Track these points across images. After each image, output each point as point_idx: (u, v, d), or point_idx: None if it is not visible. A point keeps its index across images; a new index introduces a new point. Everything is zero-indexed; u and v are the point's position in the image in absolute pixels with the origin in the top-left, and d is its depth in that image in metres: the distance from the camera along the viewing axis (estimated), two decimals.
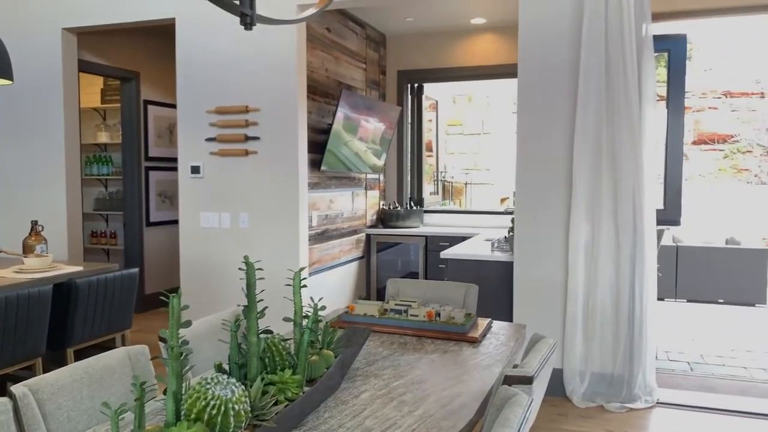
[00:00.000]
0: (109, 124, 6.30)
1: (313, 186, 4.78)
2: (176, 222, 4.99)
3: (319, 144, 4.80)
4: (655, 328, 3.69)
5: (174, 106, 4.79)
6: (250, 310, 1.65)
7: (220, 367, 1.66)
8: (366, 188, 5.90)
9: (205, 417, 1.34)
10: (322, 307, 1.91)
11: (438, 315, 2.52)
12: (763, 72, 11.26)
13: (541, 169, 3.76)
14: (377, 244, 5.90)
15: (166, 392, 1.39)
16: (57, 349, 3.40)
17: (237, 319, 1.70)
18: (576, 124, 3.59)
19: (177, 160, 4.56)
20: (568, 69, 3.67)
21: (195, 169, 4.48)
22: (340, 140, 4.96)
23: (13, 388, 1.56)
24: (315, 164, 4.76)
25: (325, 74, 4.96)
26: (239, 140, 4.34)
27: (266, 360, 1.72)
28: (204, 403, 1.35)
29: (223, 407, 1.35)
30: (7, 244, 4.53)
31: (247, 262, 1.63)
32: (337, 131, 4.89)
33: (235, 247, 4.40)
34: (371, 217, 6.06)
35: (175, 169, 4.70)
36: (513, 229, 3.96)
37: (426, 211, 6.30)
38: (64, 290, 3.38)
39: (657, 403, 3.60)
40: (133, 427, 1.30)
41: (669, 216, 4.16)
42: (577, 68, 3.60)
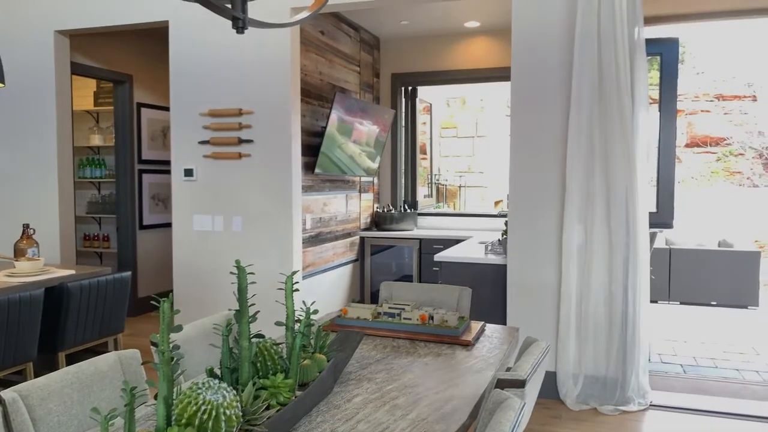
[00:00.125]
0: (102, 126, 6.28)
1: (307, 189, 4.78)
2: (169, 225, 4.98)
3: (312, 147, 4.80)
4: (648, 330, 3.71)
5: (167, 109, 4.79)
6: (242, 314, 1.65)
7: (211, 372, 1.65)
8: (360, 191, 5.90)
9: (196, 422, 1.33)
10: (315, 311, 1.91)
11: (431, 318, 2.52)
12: (755, 75, 11.33)
13: (535, 172, 3.77)
14: (371, 246, 5.90)
15: (157, 397, 1.38)
16: (48, 354, 3.39)
17: (228, 323, 1.70)
18: (569, 127, 3.60)
19: (170, 163, 4.55)
20: (561, 72, 3.69)
21: (188, 172, 4.46)
22: (334, 143, 4.96)
23: (3, 393, 1.55)
24: (309, 167, 4.76)
25: (319, 77, 4.96)
26: (233, 143, 4.33)
27: (258, 364, 1.72)
28: (195, 408, 1.34)
29: (214, 412, 1.34)
30: None
31: (238, 266, 1.62)
32: (331, 134, 4.89)
33: (229, 250, 4.39)
34: (365, 219, 6.05)
35: (169, 172, 4.69)
36: (506, 231, 3.97)
37: (420, 214, 6.31)
38: (55, 294, 3.37)
39: (650, 405, 3.61)
40: None
41: (662, 219, 4.18)
42: (570, 71, 3.62)
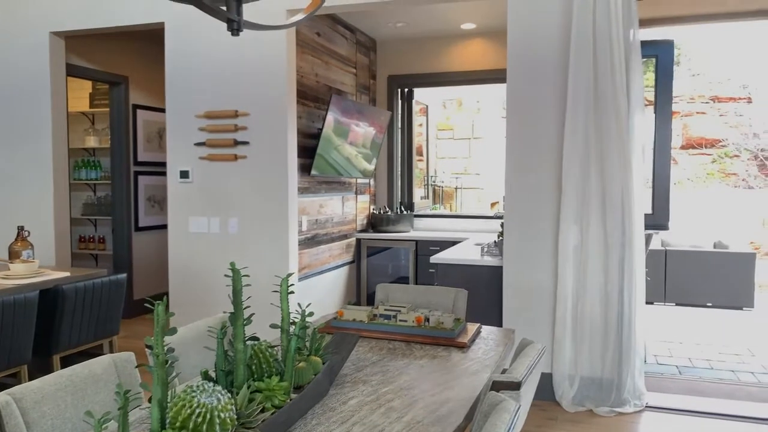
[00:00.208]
0: (97, 128, 6.27)
1: (303, 191, 4.77)
2: (165, 227, 4.97)
3: (309, 148, 4.80)
4: (644, 331, 3.71)
5: (163, 111, 4.77)
6: (237, 317, 1.65)
7: (206, 375, 1.65)
8: (356, 193, 5.89)
9: (191, 425, 1.33)
10: (310, 314, 1.91)
11: (427, 320, 2.52)
12: (750, 77, 11.38)
13: (531, 174, 3.77)
14: (367, 248, 5.90)
15: (152, 400, 1.38)
16: (43, 356, 3.37)
17: (223, 326, 1.69)
18: (565, 129, 3.61)
19: (166, 165, 4.54)
20: (556, 74, 3.69)
21: (184, 174, 4.46)
22: (330, 144, 4.95)
23: None
24: (305, 169, 4.75)
25: (315, 79, 4.96)
26: (228, 145, 4.33)
27: (253, 367, 1.72)
28: (189, 411, 1.34)
29: (208, 415, 1.34)
30: None
31: (233, 268, 1.62)
32: (327, 135, 4.89)
33: (224, 252, 4.38)
34: (361, 221, 6.05)
35: (164, 174, 4.68)
36: (502, 233, 3.97)
37: (416, 216, 6.31)
38: (50, 296, 3.36)
39: (646, 407, 3.62)
40: None
41: (657, 220, 4.19)
42: (566, 73, 3.62)
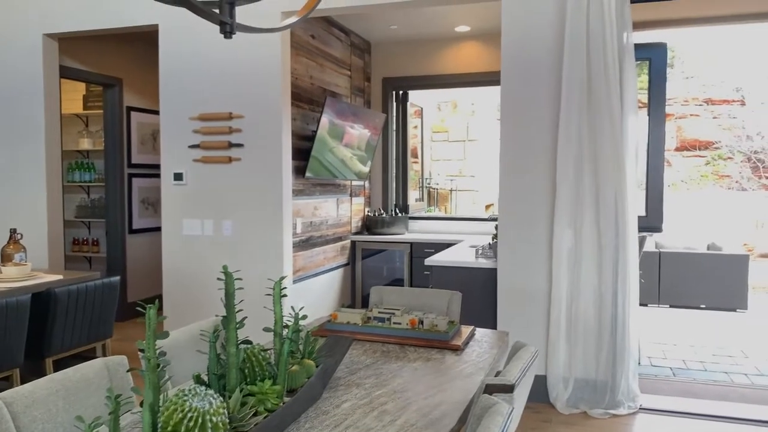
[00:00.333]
0: (91, 130, 6.24)
1: (298, 193, 4.77)
2: (159, 229, 4.94)
3: (303, 151, 4.79)
4: (638, 333, 3.72)
5: (157, 113, 4.76)
6: (229, 320, 1.64)
7: (198, 378, 1.64)
8: (351, 195, 5.89)
9: (182, 429, 1.32)
10: (303, 317, 1.90)
11: (421, 323, 2.51)
12: (744, 80, 11.43)
13: (525, 176, 3.78)
14: (362, 250, 5.89)
15: (143, 404, 1.37)
16: (35, 360, 3.35)
17: (216, 329, 1.68)
18: (559, 131, 3.61)
19: (160, 167, 4.53)
20: (550, 76, 3.70)
21: (178, 176, 4.44)
22: (324, 146, 4.95)
23: None
24: (299, 171, 4.75)
25: (310, 81, 4.96)
26: (223, 147, 4.32)
27: (246, 370, 1.71)
28: (181, 415, 1.33)
29: (200, 419, 1.33)
30: None
31: (225, 271, 1.61)
32: (322, 137, 4.88)
33: (218, 255, 4.37)
34: (356, 223, 6.05)
35: (158, 176, 4.66)
36: (497, 236, 3.98)
37: (411, 218, 6.31)
38: (42, 299, 3.34)
39: (640, 408, 3.62)
40: None
41: (651, 222, 4.20)
42: (560, 76, 3.63)
